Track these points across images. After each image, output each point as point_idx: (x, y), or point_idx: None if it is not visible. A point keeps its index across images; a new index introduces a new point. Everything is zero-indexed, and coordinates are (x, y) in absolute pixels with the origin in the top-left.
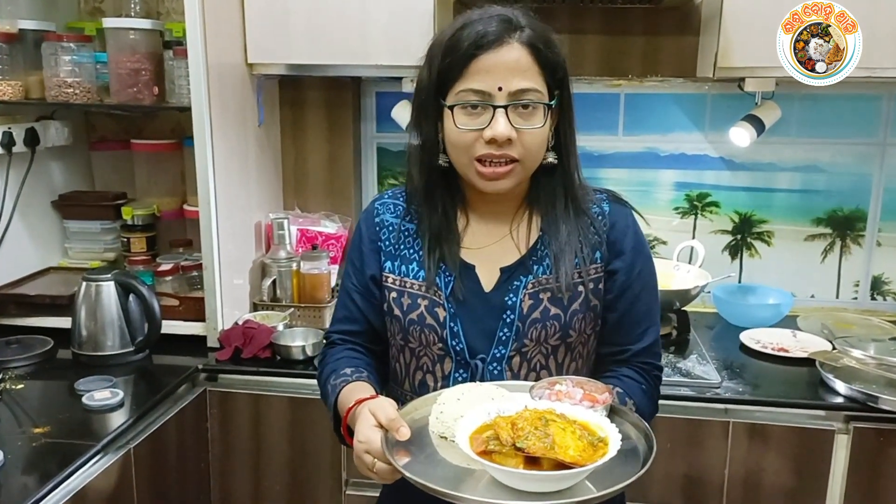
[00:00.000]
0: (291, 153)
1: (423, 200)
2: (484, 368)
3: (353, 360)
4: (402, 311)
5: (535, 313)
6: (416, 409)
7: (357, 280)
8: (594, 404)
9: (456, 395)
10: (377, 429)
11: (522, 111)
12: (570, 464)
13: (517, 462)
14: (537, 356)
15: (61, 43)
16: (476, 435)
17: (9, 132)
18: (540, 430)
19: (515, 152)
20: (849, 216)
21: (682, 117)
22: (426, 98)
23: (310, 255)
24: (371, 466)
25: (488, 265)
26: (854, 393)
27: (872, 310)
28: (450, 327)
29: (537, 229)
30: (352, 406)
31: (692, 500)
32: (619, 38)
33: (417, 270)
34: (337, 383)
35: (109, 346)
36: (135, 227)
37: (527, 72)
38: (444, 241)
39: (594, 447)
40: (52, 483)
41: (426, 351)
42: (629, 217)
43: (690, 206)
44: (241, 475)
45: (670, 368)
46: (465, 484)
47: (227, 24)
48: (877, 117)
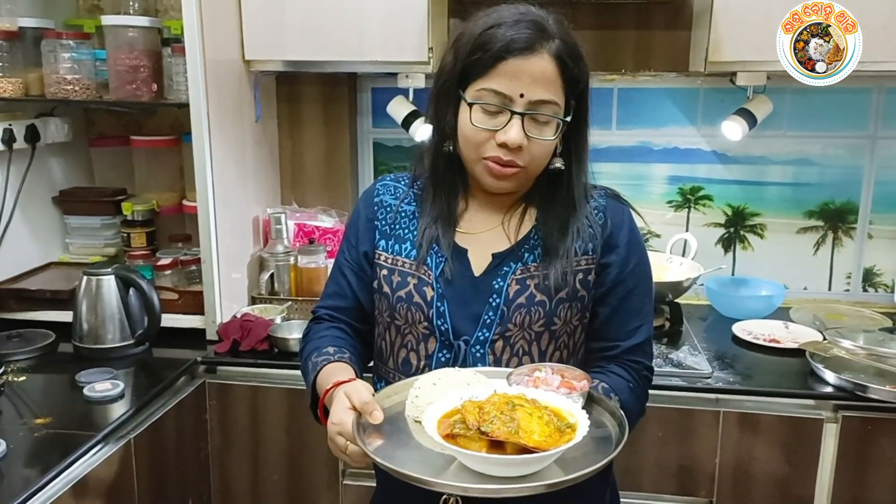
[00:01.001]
0: (288, 148)
1: (430, 183)
2: (467, 350)
3: (337, 339)
4: (391, 289)
5: (520, 298)
6: (394, 392)
7: (350, 256)
8: (571, 391)
9: (432, 380)
10: (351, 411)
11: (538, 121)
12: (534, 448)
13: (481, 446)
14: (520, 342)
15: (61, 40)
16: (444, 419)
17: (9, 129)
18: (505, 415)
19: (522, 160)
20: (840, 209)
21: (674, 111)
22: (447, 85)
23: (307, 249)
24: (343, 449)
25: (480, 250)
26: (843, 382)
27: (864, 301)
28: (436, 307)
29: (532, 220)
30: (329, 388)
31: (684, 488)
32: (612, 33)
33: (410, 250)
34: (318, 361)
35: (110, 340)
36: (134, 222)
37: (550, 84)
38: (441, 223)
39: (561, 433)
40: (53, 472)
41: (411, 329)
42: (626, 213)
43: (683, 199)
44: (239, 465)
45: (662, 359)
46: (436, 468)
47: (224, 21)
48: (867, 110)
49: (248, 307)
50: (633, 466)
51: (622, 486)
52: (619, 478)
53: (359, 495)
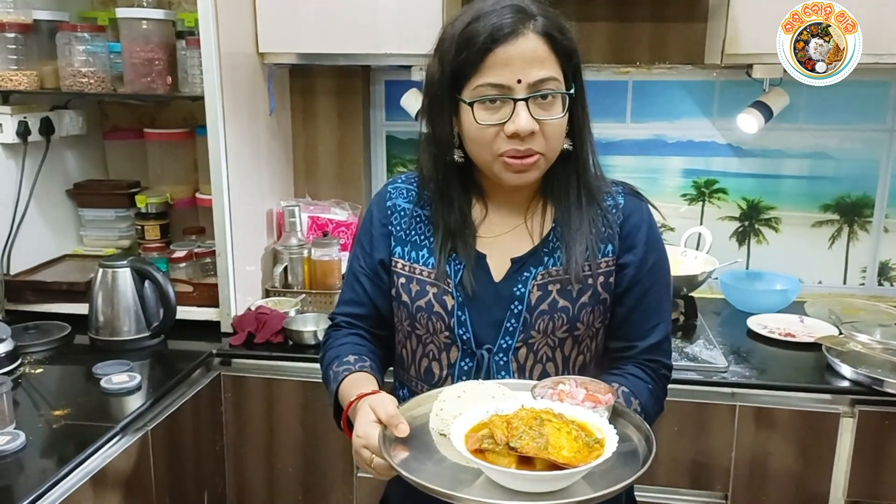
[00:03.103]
0: (302, 141)
1: (438, 196)
2: (490, 358)
3: (356, 346)
4: (410, 298)
5: (543, 304)
6: (418, 404)
7: (365, 263)
8: (596, 405)
9: (457, 393)
10: (376, 424)
11: (542, 102)
12: (563, 464)
13: (510, 461)
14: (544, 348)
15: (75, 33)
16: (472, 433)
17: (24, 122)
18: (534, 430)
19: (538, 146)
20: (856, 202)
21: (689, 104)
22: (439, 93)
23: (320, 242)
24: (369, 462)
25: (500, 255)
26: (860, 377)
27: (880, 295)
28: (457, 316)
29: (551, 220)
30: (353, 400)
31: (699, 482)
32: (627, 25)
33: (427, 257)
34: (339, 371)
35: (126, 332)
36: (148, 214)
37: (544, 61)
38: (459, 236)
39: (590, 448)
40: (72, 464)
41: (433, 338)
42: (644, 211)
43: (698, 192)
44: (254, 457)
45: (678, 353)
46: (462, 482)
47: (238, 14)
48: (884, 103)
49: (263, 300)
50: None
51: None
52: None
53: (373, 487)
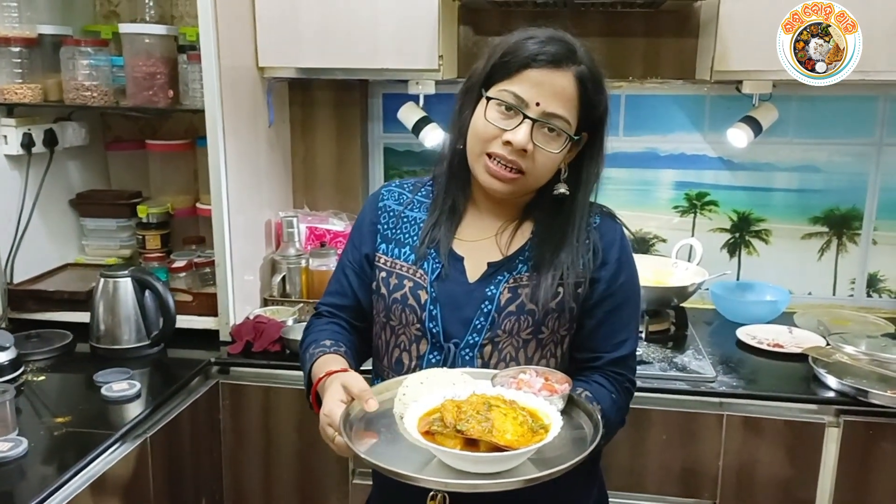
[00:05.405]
0: (300, 153)
1: (444, 176)
2: (456, 353)
3: (335, 333)
4: (387, 290)
5: (511, 306)
6: (386, 389)
7: (353, 257)
8: (552, 394)
9: (420, 379)
10: (341, 404)
11: (546, 132)
12: (505, 447)
13: (456, 443)
14: (508, 348)
15: (79, 47)
16: (425, 417)
17: (28, 133)
18: (481, 415)
19: (524, 164)
20: (845, 215)
21: (681, 118)
22: (473, 85)
23: (318, 252)
24: (331, 439)
25: (477, 258)
26: (845, 387)
27: (868, 307)
28: (429, 310)
29: (527, 233)
30: (322, 377)
31: (687, 490)
32: (620, 41)
33: (409, 254)
34: (315, 353)
35: (126, 340)
36: (149, 224)
37: (567, 102)
38: (445, 223)
39: (534, 433)
40: (72, 470)
41: (405, 330)
42: (618, 231)
43: (690, 204)
44: (251, 464)
45: (667, 363)
46: (420, 464)
47: (238, 29)
48: (872, 118)
49: (261, 309)
50: (636, 468)
51: (626, 488)
52: (624, 479)
53: (367, 494)
